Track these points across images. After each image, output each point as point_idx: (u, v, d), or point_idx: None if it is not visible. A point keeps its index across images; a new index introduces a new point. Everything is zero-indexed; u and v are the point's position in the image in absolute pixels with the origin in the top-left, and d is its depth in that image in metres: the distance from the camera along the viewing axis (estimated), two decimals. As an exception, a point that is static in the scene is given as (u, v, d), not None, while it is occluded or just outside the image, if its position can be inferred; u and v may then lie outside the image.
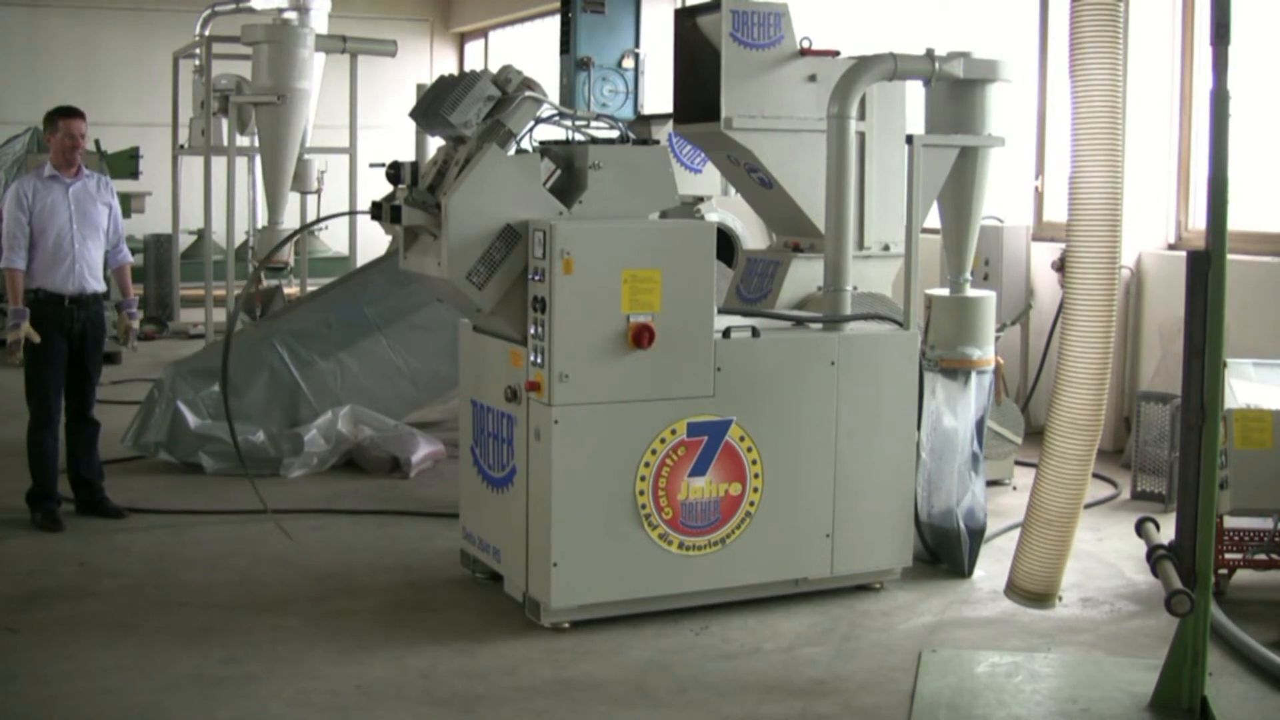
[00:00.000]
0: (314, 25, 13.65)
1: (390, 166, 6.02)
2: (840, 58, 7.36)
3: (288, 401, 9.31)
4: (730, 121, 7.10)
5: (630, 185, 6.02)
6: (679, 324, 5.85)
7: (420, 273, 6.12)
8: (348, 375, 9.51)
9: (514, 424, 6.01)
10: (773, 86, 7.19)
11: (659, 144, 6.15)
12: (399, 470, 8.95)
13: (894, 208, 7.40)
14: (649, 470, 5.88)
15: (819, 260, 6.86)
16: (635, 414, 5.84)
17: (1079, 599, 6.47)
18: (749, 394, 6.06)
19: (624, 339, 5.76)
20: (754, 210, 8.09)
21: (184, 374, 9.21)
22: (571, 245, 5.66)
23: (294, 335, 9.52)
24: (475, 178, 5.78)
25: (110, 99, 19.93)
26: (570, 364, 5.70)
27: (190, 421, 9.01)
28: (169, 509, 8.07)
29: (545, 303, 5.69)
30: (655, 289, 5.79)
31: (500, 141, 5.91)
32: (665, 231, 5.94)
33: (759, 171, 7.33)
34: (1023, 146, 10.53)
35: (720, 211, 10.97)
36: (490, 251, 5.80)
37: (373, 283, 9.91)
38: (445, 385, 9.62)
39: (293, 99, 12.82)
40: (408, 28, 21.51)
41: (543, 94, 6.06)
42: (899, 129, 7.44)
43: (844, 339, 6.35)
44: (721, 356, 5.99)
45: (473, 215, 5.78)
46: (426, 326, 9.68)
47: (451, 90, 5.97)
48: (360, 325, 9.67)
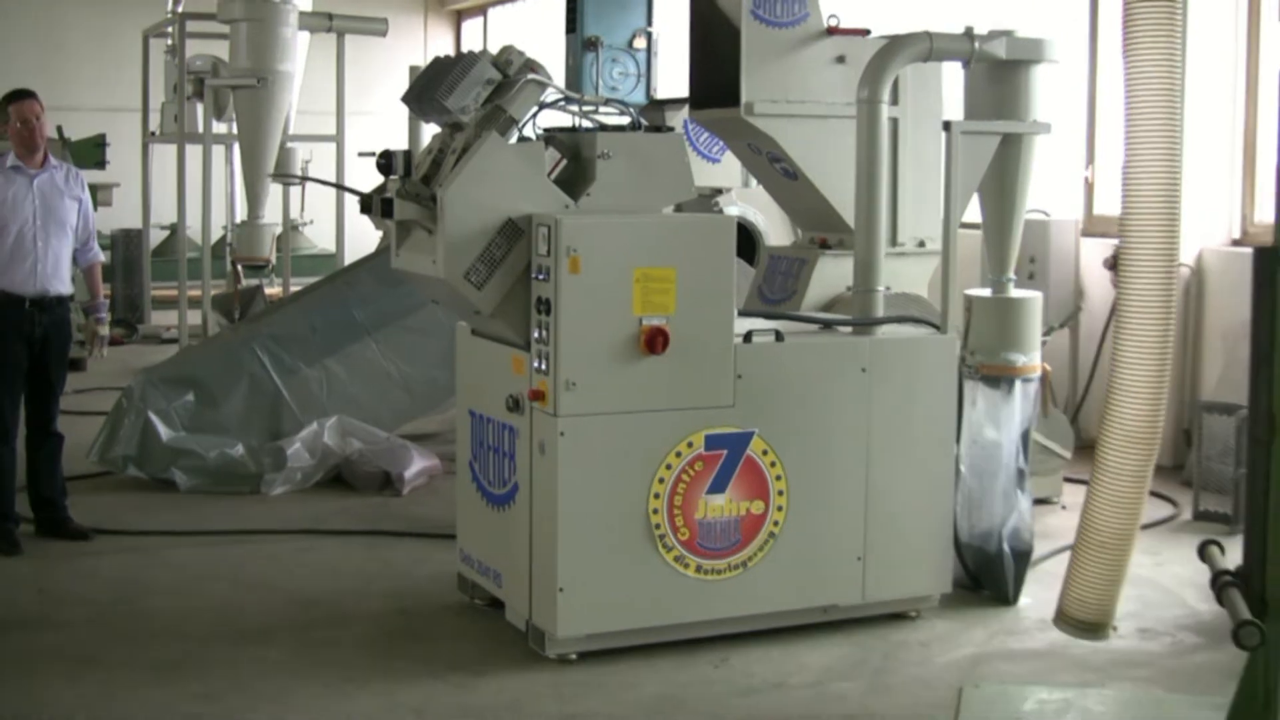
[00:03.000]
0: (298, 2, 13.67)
1: (381, 156, 6.03)
2: (871, 37, 7.37)
3: (269, 412, 9.33)
4: (751, 107, 7.11)
5: (642, 176, 6.03)
6: (696, 327, 5.86)
7: (414, 271, 6.14)
8: (335, 383, 9.53)
9: (516, 436, 6.03)
10: (797, 68, 7.20)
11: (674, 131, 6.18)
12: (390, 487, 8.96)
13: (930, 200, 7.41)
14: (663, 487, 5.89)
15: (848, 258, 6.86)
16: (648, 425, 5.84)
17: (1136, 629, 6.46)
18: (772, 404, 6.06)
19: (636, 344, 5.77)
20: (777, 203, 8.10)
21: (155, 382, 9.24)
22: (578, 241, 5.67)
23: (276, 340, 9.54)
24: (474, 168, 5.80)
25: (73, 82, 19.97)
26: (577, 371, 5.71)
27: (162, 434, 9.03)
28: (139, 530, 8.08)
29: (550, 304, 5.70)
30: (670, 289, 5.80)
31: (501, 129, 5.93)
32: (681, 226, 5.95)
33: (782, 161, 7.33)
34: (1071, 133, 10.53)
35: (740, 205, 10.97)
36: (490, 248, 5.81)
37: (362, 283, 9.93)
38: (441, 394, 9.64)
39: (274, 82, 12.85)
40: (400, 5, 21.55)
41: (547, 77, 6.07)
42: (935, 114, 7.45)
43: (876, 344, 6.35)
44: (742, 363, 5.99)
45: (471, 209, 5.79)
46: (421, 330, 9.70)
47: (448, 73, 5.99)
48: (348, 329, 9.69)
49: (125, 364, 13.27)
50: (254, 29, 12.90)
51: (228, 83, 13.14)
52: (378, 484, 9.00)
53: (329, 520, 8.32)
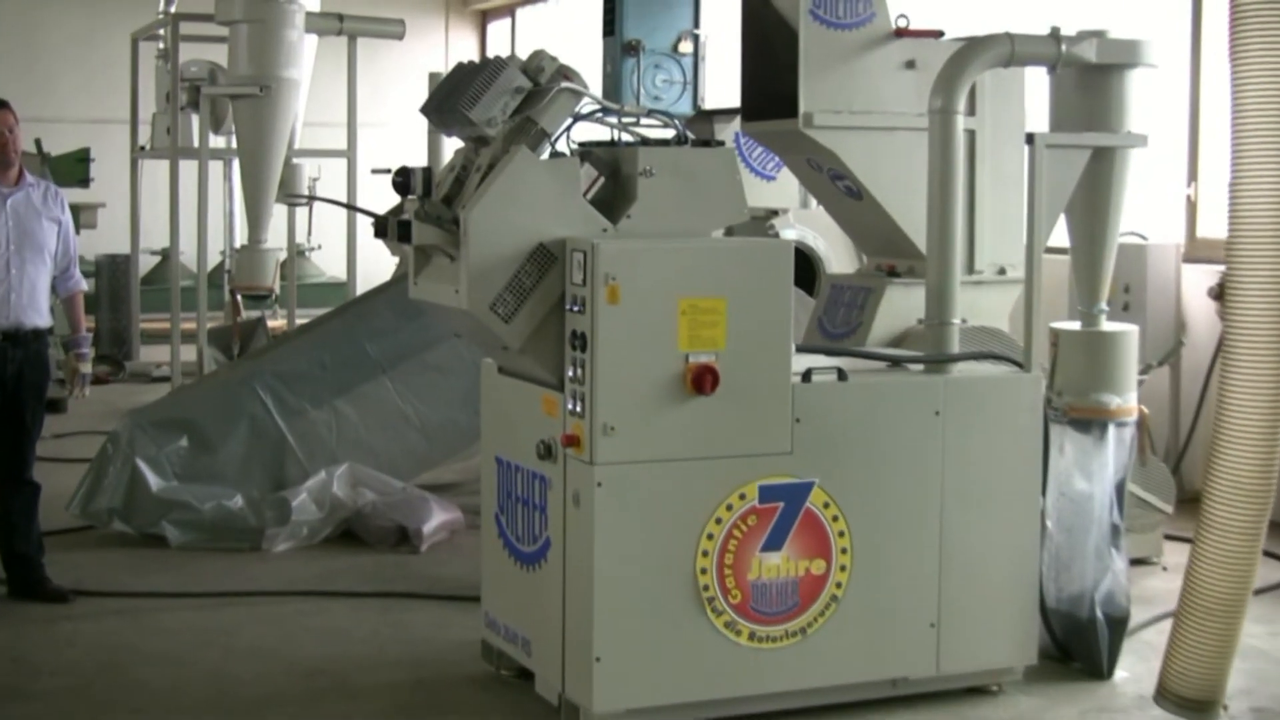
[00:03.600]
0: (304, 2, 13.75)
1: (398, 173, 6.07)
2: (945, 39, 7.40)
3: (272, 459, 9.38)
4: (810, 118, 7.14)
5: (689, 196, 6.06)
6: (749, 364, 5.87)
7: (434, 302, 6.17)
8: (345, 426, 9.57)
9: (548, 487, 6.04)
10: (862, 75, 7.23)
11: (724, 146, 6.19)
12: (407, 543, 8.99)
13: (1011, 222, 7.41)
14: (713, 544, 5.90)
15: (919, 287, 6.87)
16: (696, 475, 5.86)
17: (1249, 708, 6.41)
18: (834, 450, 6.07)
19: (682, 383, 5.79)
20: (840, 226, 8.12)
21: (144, 425, 9.30)
22: (618, 269, 5.70)
23: (280, 378, 9.59)
24: (501, 187, 5.83)
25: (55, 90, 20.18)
26: (616, 413, 5.73)
27: (152, 483, 9.09)
28: (124, 591, 8.12)
29: (586, 339, 5.73)
30: (720, 322, 5.82)
31: (531, 143, 5.96)
32: (732, 252, 5.98)
33: (845, 179, 7.36)
34: (1171, 146, 10.52)
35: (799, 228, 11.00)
36: (519, 276, 5.84)
37: (376, 314, 9.98)
38: (464, 439, 9.67)
39: (278, 91, 12.90)
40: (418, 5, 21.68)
41: (582, 85, 6.11)
42: (1017, 126, 7.47)
43: (951, 383, 6.35)
44: (801, 404, 6.00)
45: (498, 232, 5.82)
46: (441, 368, 9.74)
47: (472, 81, 6.03)
48: (361, 366, 9.74)
49: (110, 405, 13.35)
50: (255, 31, 12.91)
51: (226, 91, 13.23)
52: (393, 539, 9.03)
53: (338, 580, 8.35)
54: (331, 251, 17.82)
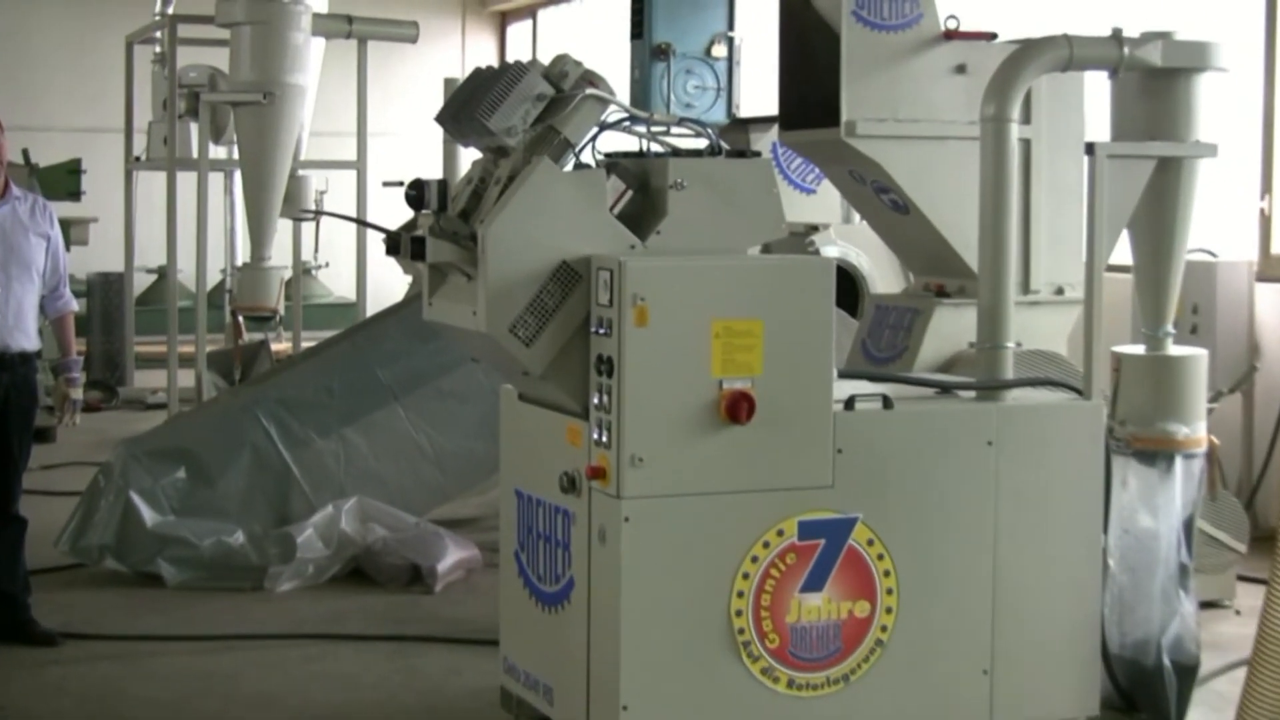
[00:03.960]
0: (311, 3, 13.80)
1: (411, 186, 6.10)
2: (998, 41, 7.40)
3: (275, 492, 9.41)
4: (853, 126, 7.14)
5: (723, 210, 6.07)
6: (787, 391, 5.88)
7: (449, 324, 6.20)
8: (354, 457, 9.60)
9: (571, 522, 6.06)
10: (909, 80, 7.23)
11: (760, 156, 6.21)
12: (420, 582, 9.00)
13: (1069, 238, 7.40)
14: (748, 584, 5.90)
15: (970, 307, 6.87)
16: (730, 509, 5.86)
17: (1323, 759, 6.38)
18: (879, 484, 6.07)
19: (715, 411, 5.80)
20: (884, 242, 8.12)
21: (139, 456, 9.33)
22: (647, 288, 5.71)
23: (284, 405, 9.62)
24: (521, 201, 5.85)
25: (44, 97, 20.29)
26: (645, 443, 5.74)
27: (146, 518, 9.11)
28: (117, 634, 8.15)
29: (613, 363, 5.74)
30: (756, 345, 5.83)
31: (554, 153, 5.99)
32: (769, 271, 5.99)
33: (891, 192, 7.37)
34: (1243, 157, 10.50)
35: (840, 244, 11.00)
36: (541, 297, 5.86)
37: (388, 337, 10.01)
38: (481, 471, 9.68)
39: (283, 98, 12.95)
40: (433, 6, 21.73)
41: (609, 91, 6.13)
42: (1076, 135, 7.46)
43: (1004, 412, 6.35)
44: (843, 434, 6.01)
45: (518, 249, 5.84)
46: (457, 394, 9.76)
47: (491, 87, 6.06)
48: (371, 392, 9.76)
49: (103, 434, 13.41)
50: (259, 34, 12.95)
51: (227, 98, 13.28)
52: (405, 578, 9.05)
53: (346, 622, 8.36)
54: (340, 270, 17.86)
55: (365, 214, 13.91)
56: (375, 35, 14.33)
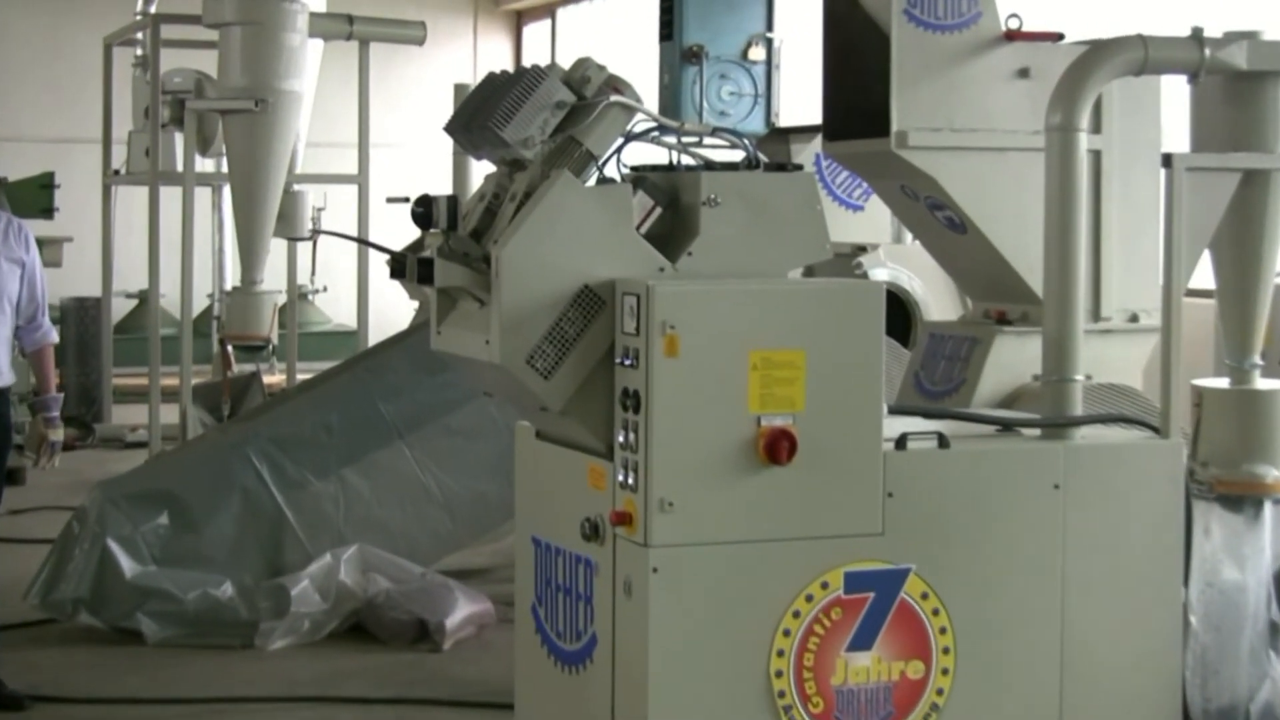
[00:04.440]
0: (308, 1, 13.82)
1: (418, 203, 6.10)
2: (1065, 43, 7.41)
3: (268, 539, 9.42)
4: (905, 137, 7.16)
5: (761, 229, 6.08)
6: (832, 429, 5.88)
7: (460, 354, 6.21)
8: (355, 501, 9.61)
9: (594, 573, 6.06)
10: (967, 86, 7.25)
11: (803, 170, 6.22)
12: (428, 639, 9.01)
13: (1144, 260, 7.40)
14: (789, 642, 5.89)
15: (1035, 336, 6.87)
16: (769, 559, 5.86)
17: None
18: (934, 531, 6.06)
19: (753, 450, 5.80)
20: (939, 264, 8.12)
21: (117, 499, 9.35)
22: (677, 315, 5.72)
23: (278, 444, 9.64)
24: (539, 219, 5.87)
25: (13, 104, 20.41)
26: (676, 486, 5.74)
27: (125, 568, 9.13)
28: (92, 697, 8.15)
29: (640, 398, 5.75)
30: (797, 378, 5.84)
31: (575, 166, 6.00)
32: (812, 296, 5.99)
33: (946, 209, 7.37)
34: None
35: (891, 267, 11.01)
36: (560, 324, 5.87)
37: (392, 369, 10.03)
38: (494, 516, 9.70)
39: (277, 105, 12.98)
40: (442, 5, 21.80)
41: (635, 98, 6.14)
42: (1151, 146, 7.46)
43: (1073, 452, 6.34)
44: (894, 476, 6.01)
45: (536, 272, 5.85)
46: (468, 432, 9.78)
47: (505, 94, 6.08)
48: (374, 429, 9.78)
49: (77, 475, 13.42)
50: (250, 35, 12.96)
51: (216, 105, 13.32)
52: (410, 635, 9.05)
53: (346, 684, 8.36)
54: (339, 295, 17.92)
55: (367, 233, 13.93)
56: (378, 37, 14.36)
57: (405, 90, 19.90)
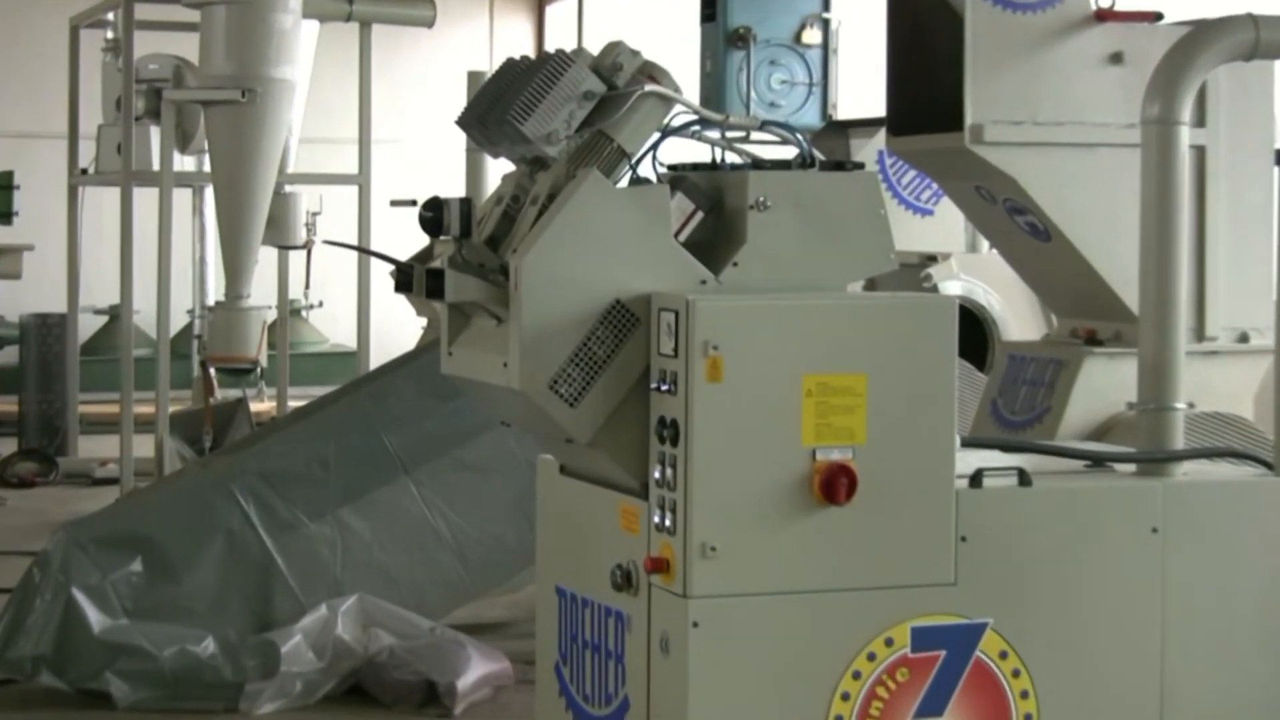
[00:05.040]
0: (302, -24, 13.86)
1: (427, 206, 6.12)
2: (1164, 24, 7.41)
3: (255, 589, 9.43)
4: (981, 131, 7.16)
5: (817, 236, 6.08)
6: (897, 464, 5.88)
7: (473, 379, 6.22)
8: (354, 545, 9.62)
9: (626, 627, 6.06)
10: (1051, 73, 7.25)
11: (864, 170, 6.22)
12: (437, 703, 9.01)
13: (1255, 271, 7.39)
14: (849, 707, 5.89)
15: (1129, 358, 6.86)
16: (826, 613, 5.86)
17: None
18: (1013, 581, 6.05)
19: (807, 488, 5.80)
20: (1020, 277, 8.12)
21: (84, 544, 9.36)
22: (721, 334, 5.72)
23: (267, 480, 9.65)
24: (565, 224, 5.88)
25: (-31, 97, 20.49)
26: (719, 529, 5.74)
27: (93, 622, 9.13)
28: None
29: (678, 428, 5.75)
30: (858, 406, 5.84)
31: (606, 165, 6.01)
32: (875, 312, 5.99)
33: (1028, 213, 7.38)
34: None
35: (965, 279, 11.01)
36: (588, 344, 5.88)
37: (396, 395, 10.05)
38: (512, 563, 9.70)
39: (266, 96, 12.99)
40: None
41: (673, 88, 6.16)
42: (1263, 141, 7.45)
43: (1173, 490, 6.33)
44: (969, 518, 6.00)
45: (561, 285, 5.86)
46: (483, 467, 9.79)
47: (526, 83, 6.09)
48: (376, 464, 9.80)
49: (39, 515, 13.45)
50: (236, 16, 12.94)
51: (197, 96, 13.34)
52: (417, 698, 9.05)
53: (342, 753, 8.38)
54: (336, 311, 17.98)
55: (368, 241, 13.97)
56: (382, 18, 14.38)
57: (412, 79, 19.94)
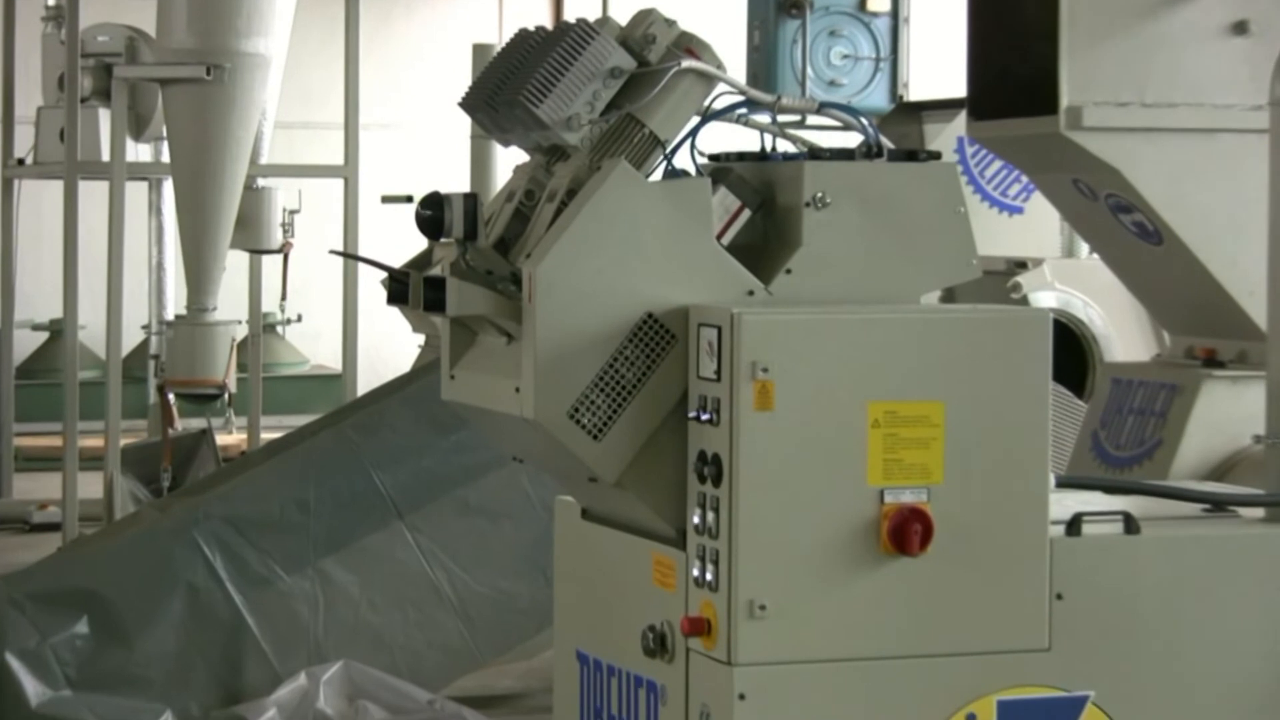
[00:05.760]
0: (279, -66, 13.90)
1: (426, 203, 6.11)
2: (1297, -11, 7.42)
3: (222, 654, 9.45)
4: (1079, 114, 7.15)
5: (885, 239, 6.08)
6: (980, 507, 5.87)
7: (481, 407, 6.23)
8: (339, 603, 9.63)
9: (660, 699, 6.05)
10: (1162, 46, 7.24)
11: (941, 160, 6.22)
12: (434, 789, 9.04)
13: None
14: (923, 794, 5.90)
15: (1257, 383, 6.85)
16: (895, 684, 5.85)
17: None
18: (1119, 646, 6.04)
19: (874, 536, 5.79)
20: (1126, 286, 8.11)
21: (20, 601, 9.39)
22: (773, 354, 5.72)
23: (236, 526, 9.67)
24: (588, 225, 5.87)
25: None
26: (770, 584, 5.74)
27: (30, 693, 9.16)
28: None
29: (721, 465, 5.75)
30: (935, 439, 5.83)
31: (636, 155, 6.01)
32: (954, 328, 5.98)
33: (1135, 211, 7.37)
34: None
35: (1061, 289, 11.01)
36: (615, 367, 5.87)
37: (389, 426, 10.06)
38: (525, 624, 9.71)
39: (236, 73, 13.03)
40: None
41: (716, 64, 6.16)
42: None
43: (1309, 539, 6.33)
44: (1065, 572, 5.99)
45: (583, 297, 5.85)
46: (490, 510, 9.80)
47: (542, 59, 6.10)
48: (365, 507, 9.81)
49: (-31, 568, 13.50)
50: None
51: (154, 74, 13.37)
52: (412, 783, 9.08)
53: None
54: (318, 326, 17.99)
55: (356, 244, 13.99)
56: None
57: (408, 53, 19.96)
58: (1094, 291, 10.87)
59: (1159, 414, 7.49)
